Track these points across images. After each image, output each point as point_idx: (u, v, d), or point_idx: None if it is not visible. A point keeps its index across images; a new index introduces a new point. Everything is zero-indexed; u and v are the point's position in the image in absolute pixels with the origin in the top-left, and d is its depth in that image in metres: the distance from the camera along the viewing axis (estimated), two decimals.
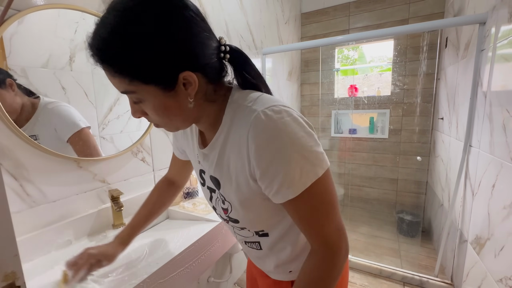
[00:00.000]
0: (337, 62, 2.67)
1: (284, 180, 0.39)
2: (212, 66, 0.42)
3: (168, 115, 0.42)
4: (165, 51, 0.36)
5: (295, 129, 0.39)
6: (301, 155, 0.39)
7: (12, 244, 0.33)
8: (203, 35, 0.40)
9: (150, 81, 0.38)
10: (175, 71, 0.38)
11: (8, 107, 0.65)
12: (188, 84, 0.40)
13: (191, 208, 1.05)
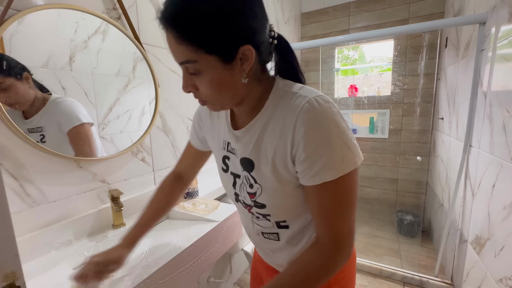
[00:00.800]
0: (337, 62, 2.67)
1: (328, 162, 0.40)
2: (266, 47, 0.45)
3: (220, 90, 0.44)
4: (232, 24, 0.39)
5: (340, 120, 0.42)
6: (345, 144, 0.41)
7: (12, 244, 0.33)
8: (263, 15, 0.43)
9: (214, 51, 0.39)
10: (237, 44, 0.40)
11: (21, 98, 0.69)
12: (245, 59, 0.42)
13: (191, 208, 1.05)
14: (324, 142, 0.40)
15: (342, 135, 0.41)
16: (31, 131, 0.73)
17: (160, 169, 1.13)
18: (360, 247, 2.06)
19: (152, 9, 1.04)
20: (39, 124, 0.74)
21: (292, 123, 0.42)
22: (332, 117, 0.41)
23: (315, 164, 0.41)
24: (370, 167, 2.59)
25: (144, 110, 1.03)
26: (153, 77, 1.04)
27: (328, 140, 0.40)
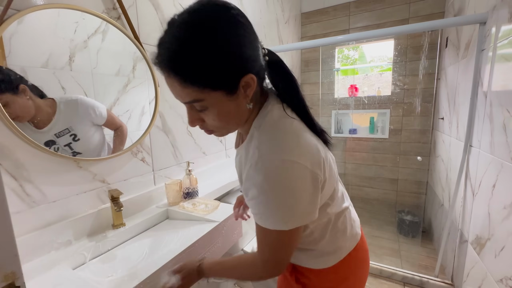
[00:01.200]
0: (337, 62, 2.67)
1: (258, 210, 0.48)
2: (262, 68, 0.47)
3: (227, 119, 0.47)
4: (231, 58, 0.40)
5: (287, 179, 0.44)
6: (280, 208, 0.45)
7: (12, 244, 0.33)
8: (256, 40, 0.44)
9: (218, 87, 0.41)
10: (240, 75, 0.42)
11: (21, 111, 0.69)
12: (247, 86, 0.44)
13: (191, 208, 1.05)
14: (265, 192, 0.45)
15: (286, 198, 0.44)
16: (59, 136, 0.76)
17: (160, 169, 1.13)
18: None
19: (152, 9, 1.04)
20: (64, 127, 0.77)
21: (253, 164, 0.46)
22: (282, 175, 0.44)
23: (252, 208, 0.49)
24: (370, 167, 2.59)
25: (144, 110, 1.03)
26: (153, 77, 1.04)
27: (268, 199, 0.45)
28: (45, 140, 0.73)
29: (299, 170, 0.44)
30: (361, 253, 0.65)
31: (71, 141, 0.78)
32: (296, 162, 0.44)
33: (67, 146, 0.78)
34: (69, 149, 0.79)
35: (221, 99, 0.43)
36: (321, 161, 0.48)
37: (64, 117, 0.76)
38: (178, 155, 1.22)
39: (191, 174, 1.13)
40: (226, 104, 0.44)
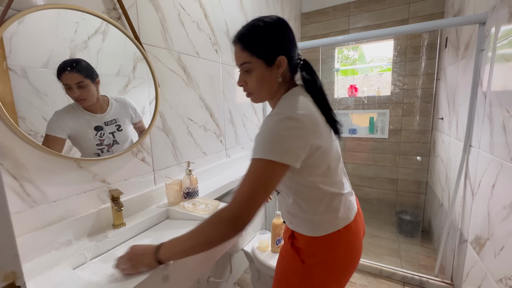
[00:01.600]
0: (337, 62, 2.67)
1: (257, 145, 0.59)
2: (295, 62, 0.68)
3: (262, 84, 0.67)
4: (275, 43, 0.64)
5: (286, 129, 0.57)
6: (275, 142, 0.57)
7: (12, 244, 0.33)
8: (294, 42, 0.67)
9: (261, 56, 0.64)
10: (276, 54, 0.64)
11: (90, 96, 0.84)
12: (279, 65, 0.65)
13: (191, 208, 1.05)
14: (263, 133, 0.59)
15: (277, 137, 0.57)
16: (107, 124, 0.90)
17: (160, 169, 1.13)
18: None
19: (152, 9, 1.04)
20: (113, 117, 0.92)
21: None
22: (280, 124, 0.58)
23: (254, 145, 0.60)
24: (370, 167, 2.59)
25: (144, 110, 1.03)
26: (153, 77, 1.04)
27: (266, 133, 0.58)
28: (95, 125, 0.87)
29: (299, 124, 0.58)
30: (350, 235, 0.72)
31: (115, 130, 0.92)
32: (295, 119, 0.58)
33: (111, 134, 0.91)
34: (112, 137, 0.91)
35: (261, 66, 0.64)
36: (318, 130, 0.62)
37: (114, 110, 0.92)
38: (178, 155, 1.22)
39: (191, 174, 1.13)
40: (263, 72, 0.65)
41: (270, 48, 0.63)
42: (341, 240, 0.71)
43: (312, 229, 0.71)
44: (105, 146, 0.90)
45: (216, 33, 1.42)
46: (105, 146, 0.90)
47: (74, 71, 0.80)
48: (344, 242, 0.71)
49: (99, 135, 0.88)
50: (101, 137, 0.89)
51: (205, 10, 1.33)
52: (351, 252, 0.74)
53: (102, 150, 0.89)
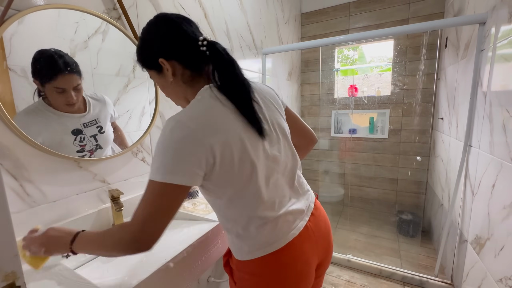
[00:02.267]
0: (337, 62, 2.67)
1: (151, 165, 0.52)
2: (187, 56, 0.58)
3: (165, 91, 0.65)
4: (149, 49, 0.60)
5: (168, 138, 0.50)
6: (156, 159, 0.50)
7: (12, 244, 0.33)
8: (174, 34, 0.57)
9: (148, 67, 0.62)
10: (155, 58, 0.58)
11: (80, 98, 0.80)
12: (167, 69, 0.58)
13: (191, 208, 1.05)
14: (156, 149, 0.51)
15: (165, 151, 0.49)
16: (86, 126, 0.81)
17: None
18: (360, 247, 2.06)
19: (152, 9, 1.04)
20: (93, 118, 0.83)
21: None
22: (165, 135, 0.50)
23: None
24: (370, 167, 2.59)
25: (144, 110, 1.03)
26: None
27: (156, 149, 0.51)
28: (73, 128, 0.78)
29: (185, 130, 0.50)
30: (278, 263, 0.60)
31: (97, 133, 0.83)
32: (185, 123, 0.50)
33: (93, 137, 0.82)
34: (94, 140, 0.82)
35: (155, 76, 0.63)
36: (218, 132, 0.52)
37: (94, 109, 0.83)
38: None
39: None
40: (159, 80, 0.63)
41: (147, 56, 0.60)
42: (267, 269, 0.59)
43: (235, 250, 0.63)
44: (86, 152, 0.81)
45: (216, 33, 1.42)
46: (87, 152, 0.81)
47: (73, 71, 0.74)
48: (271, 271, 0.59)
49: (79, 140, 0.78)
50: (81, 143, 0.78)
51: (205, 10, 1.33)
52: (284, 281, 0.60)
53: (83, 157, 0.80)
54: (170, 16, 0.58)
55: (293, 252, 0.60)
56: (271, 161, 0.59)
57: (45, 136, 0.71)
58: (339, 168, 2.75)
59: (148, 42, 0.60)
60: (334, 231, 2.32)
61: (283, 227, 0.60)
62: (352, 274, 1.73)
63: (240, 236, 0.60)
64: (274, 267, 0.59)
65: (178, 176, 0.49)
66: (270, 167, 0.59)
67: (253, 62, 1.83)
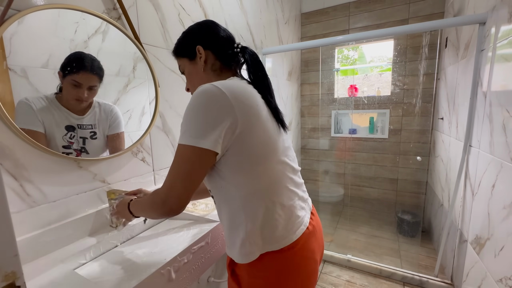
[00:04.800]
0: (337, 62, 2.67)
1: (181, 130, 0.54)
2: (222, 49, 0.67)
3: (192, 79, 0.69)
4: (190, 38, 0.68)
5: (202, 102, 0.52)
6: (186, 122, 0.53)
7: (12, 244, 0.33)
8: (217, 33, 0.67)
9: (183, 54, 0.69)
10: (193, 45, 0.66)
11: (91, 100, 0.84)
12: (200, 56, 0.65)
13: (191, 208, 1.05)
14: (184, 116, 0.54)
15: (196, 113, 0.52)
16: (81, 128, 0.82)
17: (160, 169, 1.13)
18: (360, 247, 2.06)
19: (152, 9, 1.04)
20: (90, 122, 0.84)
21: None
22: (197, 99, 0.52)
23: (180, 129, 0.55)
24: (370, 167, 2.59)
25: (144, 110, 1.03)
26: (153, 77, 1.04)
27: (185, 114, 0.54)
28: (67, 124, 0.79)
29: (216, 93, 0.52)
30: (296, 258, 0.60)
31: (87, 137, 0.84)
32: (219, 88, 0.52)
33: (82, 139, 0.83)
34: (82, 142, 0.82)
35: (187, 63, 0.68)
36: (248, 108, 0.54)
37: (95, 114, 0.85)
38: None
39: None
40: (190, 67, 0.68)
41: (187, 43, 0.67)
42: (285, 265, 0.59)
43: (245, 252, 0.58)
44: (72, 151, 0.79)
45: None
46: (73, 151, 0.79)
47: (94, 73, 0.81)
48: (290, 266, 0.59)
49: (69, 137, 0.78)
50: (70, 139, 0.78)
51: (205, 10, 1.33)
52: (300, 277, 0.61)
53: (67, 154, 0.78)
54: (215, 22, 0.69)
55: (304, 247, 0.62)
56: (285, 152, 0.63)
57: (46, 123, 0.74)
58: (339, 168, 2.75)
59: (192, 32, 0.68)
60: (334, 231, 2.33)
61: (295, 221, 0.62)
62: (352, 274, 1.73)
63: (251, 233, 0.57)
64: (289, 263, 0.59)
65: (205, 140, 0.51)
66: (285, 157, 0.63)
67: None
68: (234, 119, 0.52)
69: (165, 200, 0.53)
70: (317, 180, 2.87)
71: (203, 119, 0.51)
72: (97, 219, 0.87)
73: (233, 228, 0.59)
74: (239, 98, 0.53)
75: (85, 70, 0.80)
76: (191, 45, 0.66)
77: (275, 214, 0.58)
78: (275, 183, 0.59)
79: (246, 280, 0.62)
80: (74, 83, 0.77)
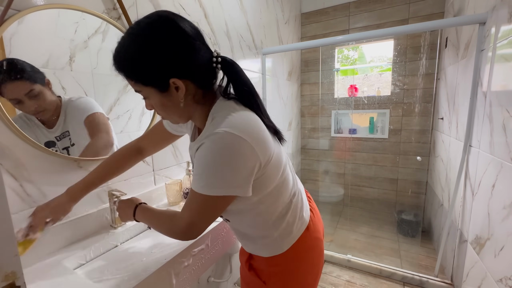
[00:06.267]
0: (337, 62, 2.67)
1: (196, 178, 0.51)
2: (202, 75, 0.54)
3: (166, 111, 0.56)
4: (158, 64, 0.49)
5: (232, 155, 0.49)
6: (212, 174, 0.50)
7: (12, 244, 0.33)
8: (191, 51, 0.50)
9: (148, 84, 0.51)
10: (166, 78, 0.50)
11: (48, 104, 0.72)
12: (178, 88, 0.51)
13: None
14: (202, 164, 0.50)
15: (219, 168, 0.49)
16: (60, 139, 0.76)
17: (160, 169, 1.13)
18: (360, 247, 2.06)
19: (152, 9, 1.04)
20: (65, 129, 0.76)
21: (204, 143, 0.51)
22: (222, 151, 0.48)
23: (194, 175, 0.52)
24: (370, 167, 2.59)
25: (144, 111, 1.03)
26: None
27: (204, 165, 0.50)
28: (46, 141, 0.74)
29: (240, 144, 0.49)
30: (310, 239, 0.67)
31: (69, 145, 0.79)
32: (240, 137, 0.48)
33: (65, 149, 0.78)
34: (67, 153, 0.79)
35: (154, 93, 0.52)
36: (266, 142, 0.53)
37: (66, 118, 0.77)
38: (178, 155, 1.22)
39: (191, 173, 1.13)
40: (160, 99, 0.53)
41: (153, 71, 0.49)
42: (302, 249, 0.66)
43: (270, 250, 0.65)
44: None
45: (216, 33, 1.42)
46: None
47: (18, 78, 0.64)
48: (306, 249, 0.66)
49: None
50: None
51: (205, 10, 1.33)
52: (313, 257, 0.69)
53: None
54: (181, 25, 0.49)
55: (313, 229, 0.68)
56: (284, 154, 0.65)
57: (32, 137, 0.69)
58: (339, 168, 2.75)
59: (156, 55, 0.48)
60: (334, 231, 2.33)
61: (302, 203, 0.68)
62: (352, 274, 1.73)
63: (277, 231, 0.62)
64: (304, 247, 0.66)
65: (231, 188, 0.51)
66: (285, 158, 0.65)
67: (253, 62, 1.83)
68: (259, 161, 0.52)
69: (185, 233, 0.55)
70: (317, 180, 2.87)
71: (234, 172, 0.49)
72: (97, 219, 0.87)
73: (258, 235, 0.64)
74: (256, 139, 0.51)
75: (7, 83, 0.63)
76: (160, 75, 0.50)
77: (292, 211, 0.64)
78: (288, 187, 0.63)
79: (266, 270, 0.67)
80: (14, 102, 0.64)
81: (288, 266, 0.65)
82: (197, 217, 0.54)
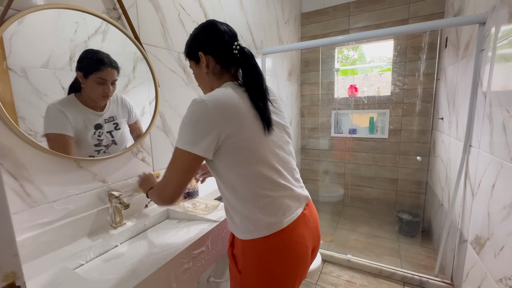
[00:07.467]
0: (337, 62, 2.67)
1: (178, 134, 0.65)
2: (221, 54, 0.71)
3: (197, 80, 0.78)
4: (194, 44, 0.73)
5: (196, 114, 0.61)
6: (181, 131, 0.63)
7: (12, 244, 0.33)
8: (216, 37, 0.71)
9: (189, 57, 0.76)
10: (196, 51, 0.73)
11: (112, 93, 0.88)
12: (203, 61, 0.72)
13: (191, 208, 1.05)
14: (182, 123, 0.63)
15: (189, 123, 0.61)
16: (107, 122, 0.88)
17: (160, 169, 1.13)
18: (360, 247, 2.06)
19: (152, 9, 1.04)
20: (112, 115, 0.89)
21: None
22: (190, 109, 0.62)
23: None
24: (370, 167, 2.59)
25: (144, 110, 1.03)
26: (153, 77, 1.04)
27: (182, 122, 0.63)
28: (96, 123, 0.85)
29: (202, 109, 0.61)
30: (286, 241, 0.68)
31: (113, 129, 0.90)
32: (206, 104, 0.61)
33: (109, 133, 0.88)
34: (110, 136, 0.89)
35: (193, 66, 0.76)
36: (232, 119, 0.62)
37: (112, 107, 0.90)
38: None
39: None
40: (195, 70, 0.76)
41: (191, 48, 0.74)
42: (276, 247, 0.66)
43: (242, 229, 0.68)
44: (102, 147, 0.86)
45: None
46: (103, 147, 0.86)
47: (114, 68, 0.86)
48: (281, 249, 0.67)
49: (98, 135, 0.84)
50: (99, 137, 0.85)
51: (205, 10, 1.33)
52: (289, 259, 0.68)
53: (98, 151, 0.85)
54: (216, 23, 0.72)
55: (294, 233, 0.69)
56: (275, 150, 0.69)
57: (76, 126, 0.79)
58: (339, 168, 2.75)
59: (195, 38, 0.73)
60: (334, 231, 2.33)
61: (285, 210, 0.69)
62: (352, 274, 1.73)
63: (246, 217, 0.67)
64: (278, 246, 0.67)
65: (195, 147, 0.61)
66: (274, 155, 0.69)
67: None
68: (219, 130, 0.61)
69: (159, 194, 0.68)
70: (317, 180, 2.87)
71: (194, 129, 0.61)
72: (97, 219, 0.87)
73: (232, 209, 0.70)
74: (224, 111, 0.62)
75: (106, 66, 0.84)
76: (193, 49, 0.73)
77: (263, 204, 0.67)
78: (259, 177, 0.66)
79: (242, 260, 0.71)
80: (99, 81, 0.82)
81: (260, 259, 0.67)
82: (168, 174, 0.65)
